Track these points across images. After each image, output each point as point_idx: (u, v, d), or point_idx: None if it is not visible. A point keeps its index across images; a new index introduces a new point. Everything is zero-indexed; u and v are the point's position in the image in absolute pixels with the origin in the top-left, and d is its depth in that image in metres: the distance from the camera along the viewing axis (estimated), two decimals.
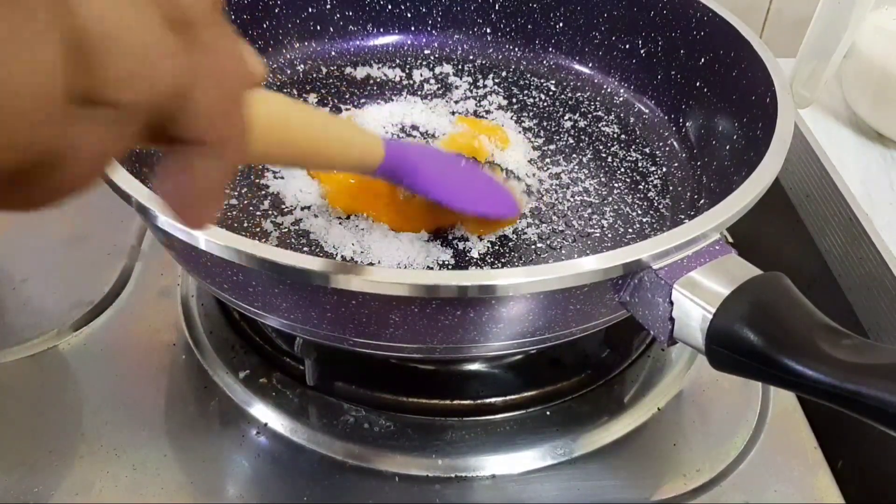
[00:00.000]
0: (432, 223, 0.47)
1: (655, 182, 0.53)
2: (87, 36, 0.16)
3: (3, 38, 0.14)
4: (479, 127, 0.56)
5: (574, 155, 0.55)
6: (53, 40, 0.15)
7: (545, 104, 0.60)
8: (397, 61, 0.63)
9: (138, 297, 0.53)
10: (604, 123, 0.58)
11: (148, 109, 0.17)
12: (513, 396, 0.47)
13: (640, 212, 0.50)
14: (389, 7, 0.63)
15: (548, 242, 0.47)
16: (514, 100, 0.60)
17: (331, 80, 0.61)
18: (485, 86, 0.61)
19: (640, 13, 0.58)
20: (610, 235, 0.48)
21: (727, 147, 0.50)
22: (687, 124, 0.56)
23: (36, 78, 0.15)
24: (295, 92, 0.59)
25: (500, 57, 0.64)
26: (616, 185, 0.52)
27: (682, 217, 0.50)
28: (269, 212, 0.48)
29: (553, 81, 0.62)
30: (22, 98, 0.15)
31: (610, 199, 0.51)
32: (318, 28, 0.62)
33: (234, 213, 0.48)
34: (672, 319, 0.34)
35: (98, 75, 0.16)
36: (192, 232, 0.34)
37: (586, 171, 0.53)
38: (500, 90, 0.61)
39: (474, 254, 0.46)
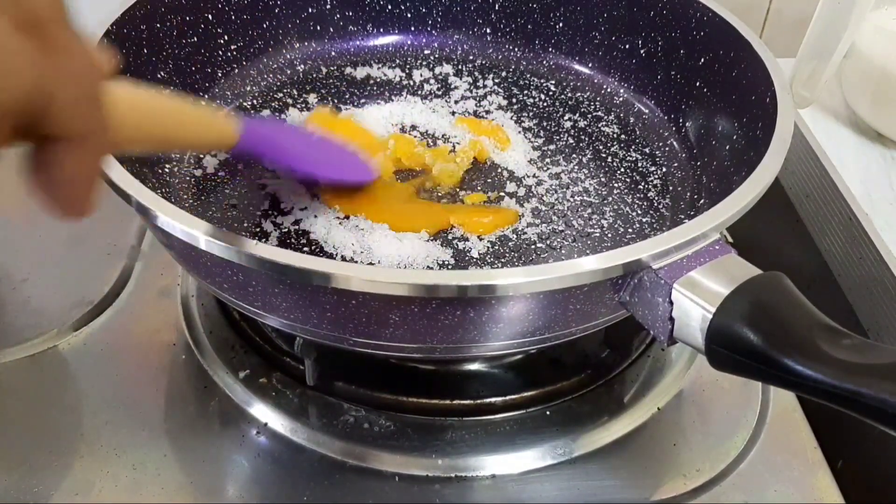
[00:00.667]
0: (432, 223, 0.47)
1: (655, 182, 0.53)
2: None
3: None
4: (478, 128, 0.56)
5: (574, 155, 0.55)
6: None
7: (545, 104, 0.60)
8: (397, 61, 0.63)
9: (138, 297, 0.53)
10: (604, 123, 0.58)
11: (12, 112, 0.18)
12: (513, 396, 0.47)
13: (639, 212, 0.50)
14: (389, 7, 0.63)
15: (548, 242, 0.47)
16: (514, 100, 0.60)
17: (331, 81, 0.61)
18: (485, 86, 0.61)
19: (640, 13, 0.58)
20: (610, 235, 0.48)
21: (727, 147, 0.50)
22: (687, 124, 0.56)
23: None
24: (295, 92, 0.59)
25: (500, 57, 0.64)
26: (616, 185, 0.52)
27: (682, 217, 0.50)
28: (269, 212, 0.48)
29: (553, 81, 0.62)
30: None
31: (610, 199, 0.51)
32: (318, 28, 0.62)
33: (234, 213, 0.48)
34: (672, 319, 0.34)
35: None
36: (192, 232, 0.34)
37: (586, 171, 0.53)
38: (499, 90, 0.61)
39: (474, 254, 0.46)
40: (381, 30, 0.64)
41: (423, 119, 0.57)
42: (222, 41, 0.57)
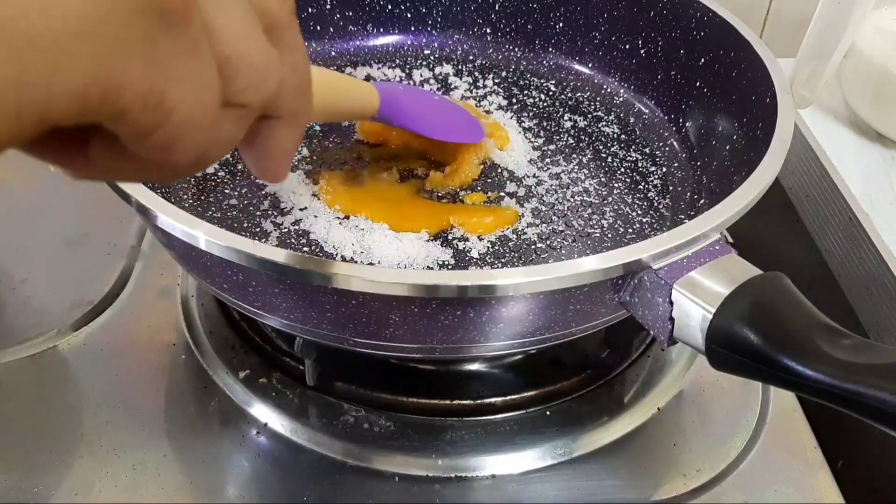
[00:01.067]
0: (433, 223, 0.47)
1: (655, 182, 0.53)
2: (227, 59, 0.21)
3: (184, 72, 0.19)
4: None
5: (574, 155, 0.55)
6: (211, 65, 0.20)
7: (545, 104, 0.60)
8: (397, 61, 0.63)
9: (138, 297, 0.53)
10: (604, 123, 0.58)
11: (261, 106, 0.23)
12: (513, 396, 0.47)
13: (640, 212, 0.50)
14: (389, 7, 0.63)
15: (548, 242, 0.47)
16: (514, 100, 0.60)
17: None
18: (485, 86, 0.61)
19: (640, 13, 0.58)
20: (610, 235, 0.48)
21: (727, 147, 0.50)
22: (687, 124, 0.56)
23: (206, 96, 0.20)
24: None
25: (500, 57, 0.64)
26: (616, 185, 0.52)
27: (682, 217, 0.50)
28: (269, 212, 0.48)
29: (553, 81, 0.62)
30: (198, 111, 0.20)
31: (610, 199, 0.51)
32: (318, 28, 0.62)
33: (234, 213, 0.48)
34: (672, 319, 0.34)
35: (235, 87, 0.21)
36: (192, 232, 0.34)
37: (586, 171, 0.53)
38: (499, 90, 0.61)
39: (474, 254, 0.46)
40: (381, 30, 0.64)
41: None
42: None
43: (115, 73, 0.18)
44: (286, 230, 0.47)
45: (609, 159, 0.55)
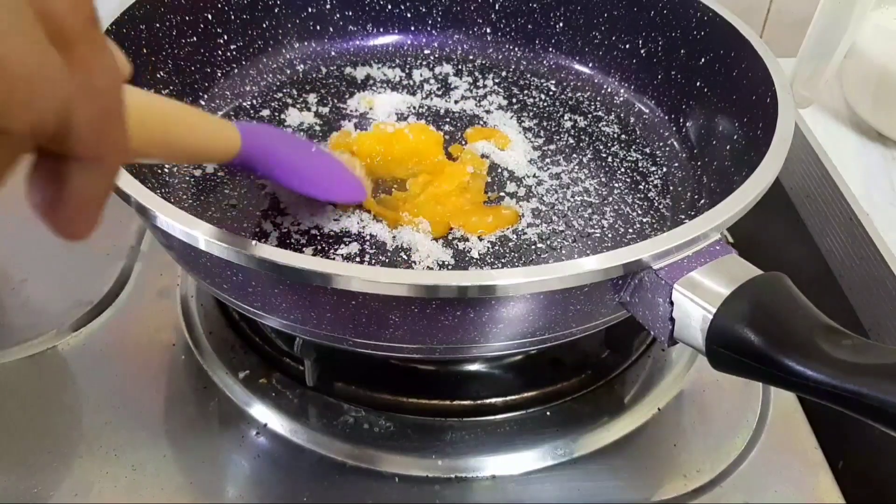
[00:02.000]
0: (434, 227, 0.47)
1: (656, 182, 0.53)
2: None
3: None
4: (480, 134, 0.55)
5: (574, 155, 0.55)
6: None
7: (545, 104, 0.60)
8: (397, 61, 0.63)
9: (137, 298, 0.53)
10: (604, 123, 0.58)
11: (37, 132, 0.18)
12: (513, 397, 0.47)
13: (640, 212, 0.50)
14: (389, 7, 0.63)
15: (548, 242, 0.47)
16: (515, 100, 0.60)
17: (330, 80, 0.61)
18: (485, 86, 0.61)
19: (641, 13, 0.58)
20: (610, 235, 0.48)
21: (727, 147, 0.50)
22: (687, 124, 0.56)
23: None
24: (295, 92, 0.59)
25: (500, 57, 0.64)
26: (616, 185, 0.52)
27: (683, 217, 0.50)
28: (269, 212, 0.48)
29: (553, 81, 0.62)
30: None
31: (610, 199, 0.51)
32: (318, 28, 0.62)
33: (234, 213, 0.48)
34: (672, 320, 0.34)
35: None
36: (192, 232, 0.34)
37: (586, 171, 0.53)
38: (500, 90, 0.61)
39: (474, 254, 0.46)
40: (381, 29, 0.64)
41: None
42: (222, 41, 0.57)
43: None
44: (286, 230, 0.47)
45: (609, 159, 0.54)
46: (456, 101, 0.59)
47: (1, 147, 0.17)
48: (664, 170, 0.54)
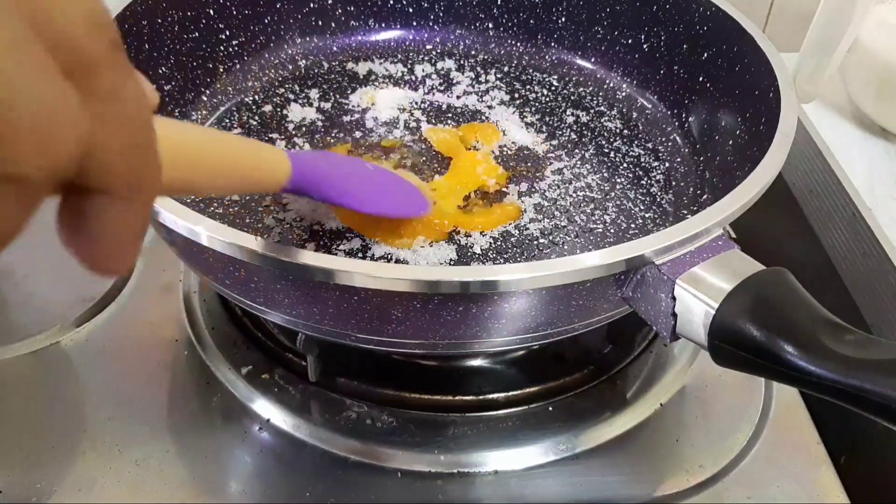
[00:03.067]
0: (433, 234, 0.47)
1: (658, 177, 0.53)
2: None
3: None
4: (471, 130, 0.55)
5: (576, 150, 0.55)
6: None
7: (547, 99, 0.59)
8: (399, 56, 0.63)
9: (140, 294, 0.53)
10: (606, 119, 0.58)
11: (54, 176, 0.16)
12: (515, 392, 0.47)
13: (642, 207, 0.50)
14: (391, 2, 0.63)
15: (550, 238, 0.47)
16: (517, 95, 0.60)
17: (332, 76, 0.61)
18: (487, 81, 0.61)
19: (643, 8, 0.58)
20: (612, 231, 0.48)
21: (730, 142, 0.50)
22: (690, 119, 0.55)
23: None
24: (297, 87, 0.59)
25: (503, 52, 0.64)
26: (618, 180, 0.52)
27: (685, 212, 0.50)
28: (271, 207, 0.48)
29: (555, 76, 0.62)
30: None
31: (612, 194, 0.51)
32: (320, 23, 0.62)
33: (236, 208, 0.48)
34: (675, 315, 0.34)
35: (1, 153, 0.15)
36: (194, 228, 0.34)
37: (589, 167, 0.53)
38: (502, 85, 0.61)
39: (476, 249, 0.46)
40: (383, 25, 0.64)
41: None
42: (224, 36, 0.57)
43: None
44: (288, 226, 0.47)
45: (611, 154, 0.54)
46: (458, 97, 0.59)
47: (18, 195, 0.16)
48: (666, 165, 0.54)
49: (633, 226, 0.49)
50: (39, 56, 0.15)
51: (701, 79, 0.54)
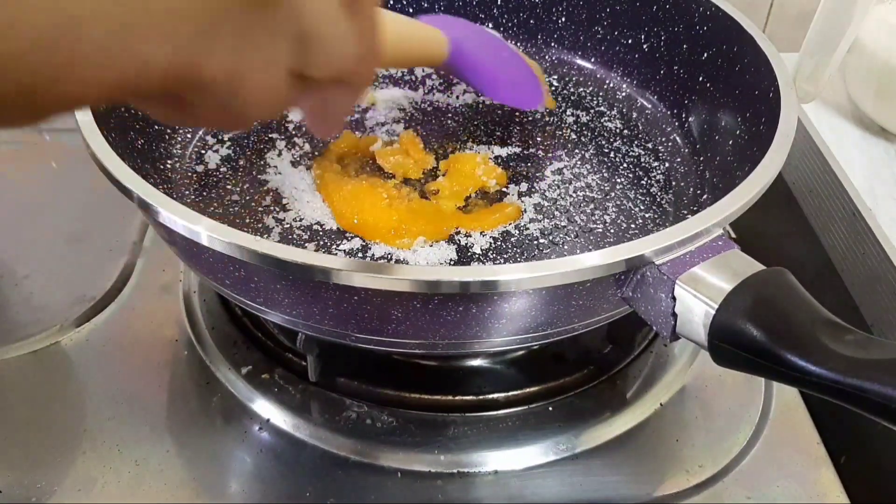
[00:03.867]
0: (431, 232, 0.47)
1: (658, 177, 0.53)
2: (307, 35, 0.21)
3: (265, 52, 0.20)
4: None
5: (576, 150, 0.55)
6: (291, 40, 0.21)
7: None
8: None
9: (140, 293, 0.53)
10: (606, 119, 0.58)
11: (330, 79, 0.23)
12: (515, 392, 0.47)
13: (642, 207, 0.50)
14: (391, 2, 0.63)
15: (550, 238, 0.47)
16: None
17: None
18: None
19: (643, 8, 0.58)
20: (612, 231, 0.48)
21: (730, 142, 0.50)
22: (690, 119, 0.55)
23: (280, 71, 0.21)
24: None
25: None
26: (618, 180, 0.52)
27: (685, 212, 0.50)
28: (271, 207, 0.48)
29: (555, 77, 0.62)
30: (270, 86, 0.21)
31: (612, 194, 0.51)
32: None
33: (236, 208, 0.48)
34: (675, 315, 0.34)
35: (309, 61, 0.22)
36: (194, 227, 0.34)
37: (589, 167, 0.53)
38: None
39: (476, 249, 0.46)
40: None
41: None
42: None
43: (199, 55, 0.19)
44: (288, 226, 0.47)
45: (612, 154, 0.54)
46: (458, 97, 0.59)
47: (307, 88, 0.23)
48: (666, 165, 0.54)
49: (633, 226, 0.49)
50: None
51: (701, 79, 0.54)
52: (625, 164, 0.54)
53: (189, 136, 0.53)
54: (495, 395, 0.47)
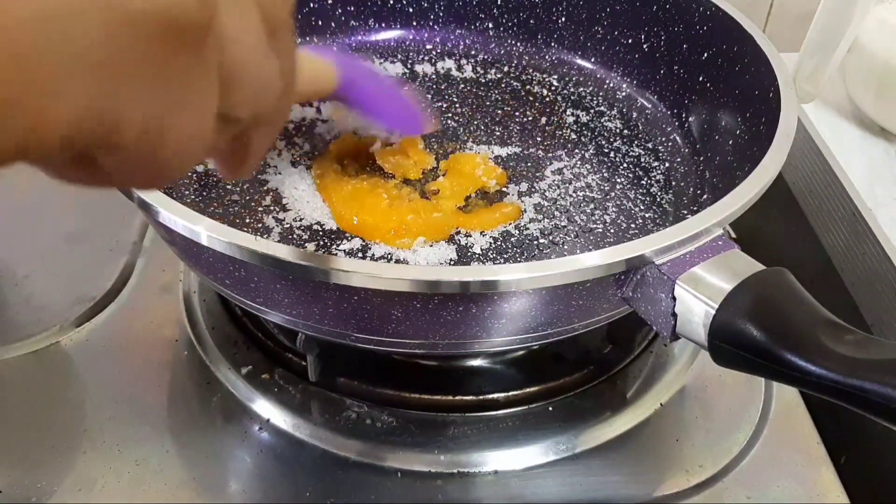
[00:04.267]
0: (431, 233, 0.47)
1: (658, 177, 0.53)
2: (233, 74, 0.19)
3: (189, 96, 0.18)
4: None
5: (576, 150, 0.55)
6: (215, 81, 0.19)
7: (547, 99, 0.59)
8: (399, 56, 0.63)
9: (140, 293, 0.53)
10: (606, 118, 0.58)
11: (253, 118, 0.21)
12: (515, 392, 0.47)
13: (642, 207, 0.50)
14: (391, 2, 0.63)
15: (550, 238, 0.47)
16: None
17: None
18: None
19: (643, 7, 0.58)
20: (612, 231, 0.48)
21: (730, 142, 0.50)
22: (690, 119, 0.55)
23: (205, 117, 0.19)
24: None
25: (503, 52, 0.64)
26: (618, 180, 0.52)
27: (685, 212, 0.50)
28: (271, 207, 0.48)
29: (555, 76, 0.62)
30: (194, 134, 0.19)
31: (612, 194, 0.51)
32: (320, 23, 0.62)
33: (236, 208, 0.48)
34: (675, 315, 0.34)
35: (233, 101, 0.20)
36: (194, 227, 0.34)
37: (589, 167, 0.53)
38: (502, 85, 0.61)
39: (476, 249, 0.46)
40: (383, 24, 0.64)
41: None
42: None
43: (115, 105, 0.17)
44: (288, 226, 0.47)
45: (611, 154, 0.54)
46: (458, 97, 0.59)
47: (230, 130, 0.21)
48: (666, 165, 0.54)
49: (633, 226, 0.49)
50: (258, 25, 0.20)
51: (701, 79, 0.54)
52: (625, 164, 0.54)
53: None
54: (495, 395, 0.47)
